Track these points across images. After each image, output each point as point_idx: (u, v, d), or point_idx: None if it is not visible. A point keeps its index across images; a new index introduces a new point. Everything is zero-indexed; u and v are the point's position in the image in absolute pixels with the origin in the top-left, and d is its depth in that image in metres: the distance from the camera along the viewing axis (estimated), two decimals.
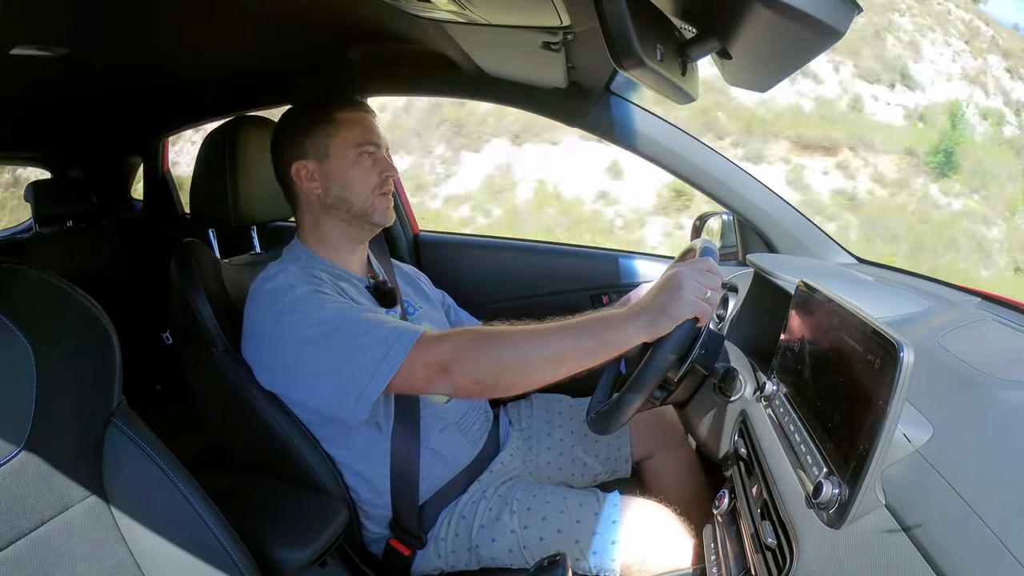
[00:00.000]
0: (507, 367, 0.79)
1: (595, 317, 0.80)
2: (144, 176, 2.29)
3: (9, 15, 0.86)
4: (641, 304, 0.79)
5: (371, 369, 0.81)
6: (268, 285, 0.91)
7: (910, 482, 0.52)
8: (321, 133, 0.98)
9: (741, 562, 0.71)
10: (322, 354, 0.84)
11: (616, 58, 0.58)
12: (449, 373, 0.80)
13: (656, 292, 0.79)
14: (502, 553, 0.94)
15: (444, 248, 1.75)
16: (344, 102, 1.01)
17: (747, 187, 1.30)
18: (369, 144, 0.99)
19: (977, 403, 0.62)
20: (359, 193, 0.99)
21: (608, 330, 0.77)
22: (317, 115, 0.99)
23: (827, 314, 0.68)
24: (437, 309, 1.18)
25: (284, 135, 1.02)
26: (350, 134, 0.98)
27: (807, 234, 1.31)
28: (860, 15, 0.53)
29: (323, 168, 0.98)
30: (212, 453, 1.10)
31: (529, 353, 0.79)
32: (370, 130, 1.01)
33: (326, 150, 0.98)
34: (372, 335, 0.82)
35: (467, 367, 0.80)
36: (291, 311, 0.86)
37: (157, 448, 0.70)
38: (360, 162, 0.99)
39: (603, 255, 1.63)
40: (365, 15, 1.06)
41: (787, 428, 0.71)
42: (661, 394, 0.87)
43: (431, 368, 0.80)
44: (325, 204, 0.99)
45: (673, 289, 0.77)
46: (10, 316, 0.65)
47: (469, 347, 0.80)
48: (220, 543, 0.71)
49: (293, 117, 1.02)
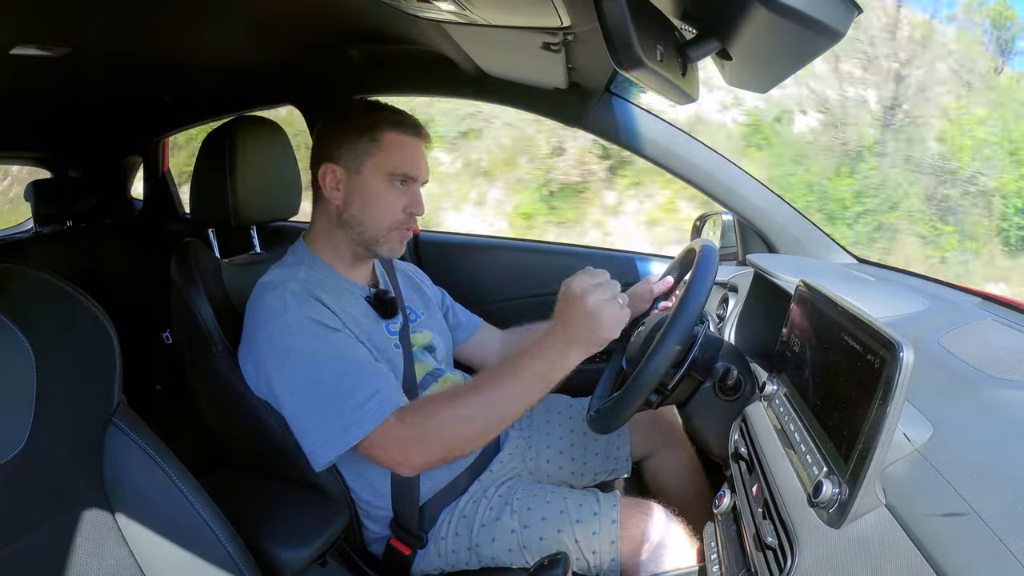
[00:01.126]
0: (465, 439, 0.84)
1: (530, 359, 0.81)
2: (144, 176, 2.29)
3: (9, 15, 0.86)
4: (566, 335, 0.79)
5: (330, 435, 0.83)
6: (267, 298, 0.89)
7: (910, 481, 0.52)
8: (361, 146, 0.93)
9: (741, 561, 0.71)
10: (292, 400, 0.85)
11: (616, 59, 0.58)
12: (410, 459, 0.83)
13: (568, 320, 0.79)
14: (502, 552, 0.94)
15: (444, 248, 1.75)
16: (398, 119, 0.94)
17: (747, 187, 1.30)
18: (407, 176, 0.95)
19: (977, 403, 0.62)
20: (377, 222, 0.95)
21: (550, 371, 0.80)
22: (362, 124, 0.93)
23: (827, 314, 0.68)
24: (436, 313, 1.17)
25: (328, 129, 0.97)
26: (389, 159, 0.93)
27: (807, 234, 1.31)
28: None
29: (351, 182, 0.94)
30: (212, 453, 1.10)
31: (483, 417, 0.82)
32: (413, 161, 0.95)
33: (360, 166, 0.93)
34: (340, 402, 0.82)
35: (424, 458, 0.83)
36: (277, 340, 0.85)
37: (157, 448, 0.70)
38: (390, 191, 0.94)
39: (604, 255, 1.63)
40: (365, 16, 1.06)
41: (787, 427, 0.71)
42: (657, 398, 0.87)
43: (390, 455, 0.83)
44: (341, 217, 0.96)
45: (583, 313, 0.78)
46: (10, 316, 0.65)
47: (424, 432, 0.82)
48: (220, 543, 0.71)
49: (338, 117, 0.97)
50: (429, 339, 1.08)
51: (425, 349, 1.06)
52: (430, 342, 1.08)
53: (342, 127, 0.95)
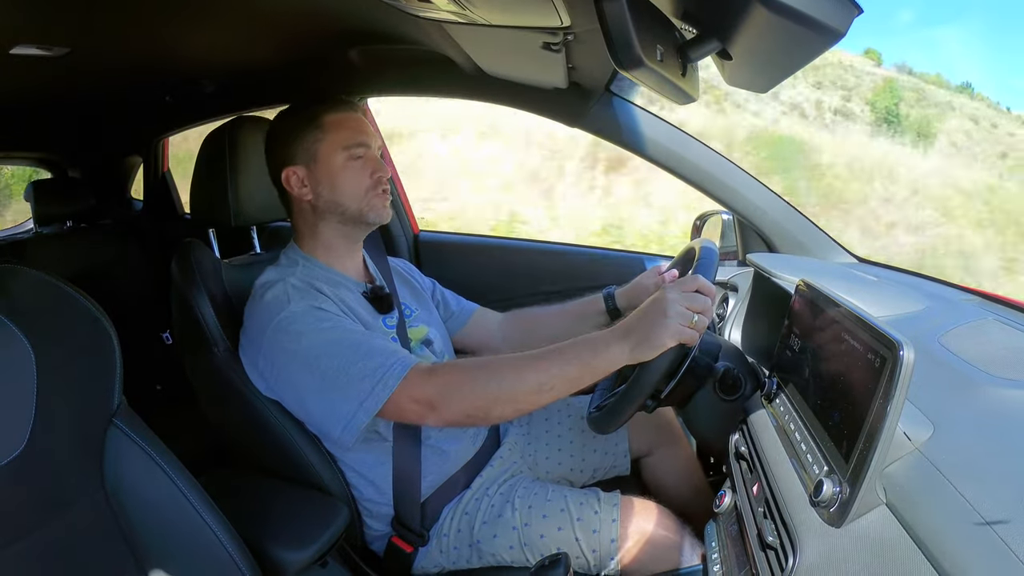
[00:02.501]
0: (494, 401, 0.81)
1: (579, 343, 0.81)
2: (144, 176, 2.29)
3: (9, 15, 0.86)
4: (626, 327, 0.79)
5: (360, 399, 0.83)
6: (269, 295, 0.90)
7: (911, 481, 0.52)
8: (309, 138, 0.96)
9: (743, 561, 0.71)
10: (313, 379, 0.85)
11: (616, 58, 0.58)
12: (437, 410, 0.82)
13: (642, 316, 0.79)
14: (503, 549, 0.95)
15: (444, 248, 1.75)
16: (331, 103, 0.99)
17: (747, 187, 1.30)
18: (358, 145, 0.97)
19: (978, 402, 0.62)
20: (351, 196, 0.97)
21: (593, 357, 0.79)
22: (303, 119, 0.97)
23: (827, 313, 0.69)
24: (430, 307, 1.18)
25: (274, 140, 1.01)
26: (338, 136, 0.97)
27: (807, 234, 1.31)
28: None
29: (312, 173, 0.97)
30: (212, 453, 1.10)
31: (516, 386, 0.80)
32: (359, 130, 0.98)
33: (314, 155, 0.97)
34: (363, 364, 0.83)
35: (455, 405, 0.82)
36: (286, 328, 0.86)
37: (158, 448, 0.70)
38: (349, 165, 0.97)
39: (604, 254, 1.63)
40: (365, 16, 1.05)
41: (787, 427, 0.71)
42: (652, 403, 0.87)
43: (420, 404, 0.82)
44: (318, 209, 0.98)
45: (658, 315, 0.77)
46: (10, 316, 0.65)
47: (456, 384, 0.82)
48: (220, 543, 0.71)
49: (281, 122, 1.01)
50: (425, 333, 1.08)
51: (422, 344, 1.06)
52: (427, 336, 1.08)
53: (284, 133, 0.99)
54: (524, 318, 1.24)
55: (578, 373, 0.80)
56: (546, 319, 1.21)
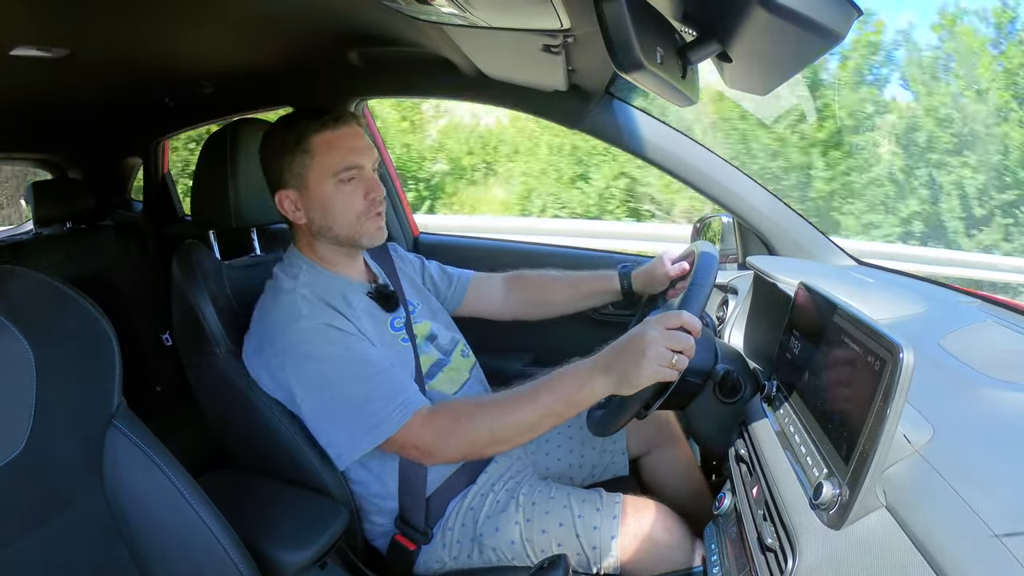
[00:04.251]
0: (487, 444, 0.87)
1: (564, 377, 0.83)
2: (144, 178, 2.29)
3: (9, 16, 0.86)
4: (606, 363, 0.80)
5: (357, 437, 0.87)
6: (279, 303, 0.91)
7: (911, 483, 0.52)
8: (297, 162, 0.93)
9: (742, 563, 0.71)
10: (318, 403, 0.89)
11: (616, 61, 0.58)
12: (433, 455, 0.88)
13: (620, 353, 0.80)
14: (504, 544, 0.95)
15: (444, 250, 1.75)
16: (319, 122, 0.93)
17: (747, 189, 1.30)
18: (349, 169, 0.94)
19: (977, 404, 0.62)
20: (343, 222, 0.95)
21: (576, 393, 0.82)
22: (291, 141, 0.93)
23: (827, 316, 0.69)
24: (428, 296, 1.18)
25: (265, 161, 0.99)
26: (326, 161, 0.93)
27: (807, 236, 1.31)
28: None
29: (304, 198, 0.95)
30: (212, 453, 1.10)
31: (507, 427, 0.85)
32: (350, 150, 0.94)
33: (304, 181, 0.94)
34: (365, 407, 0.86)
35: (451, 450, 0.88)
36: (298, 344, 0.87)
37: (157, 449, 0.70)
38: (340, 189, 0.94)
39: (605, 257, 1.63)
40: (365, 18, 1.06)
41: (787, 429, 0.71)
42: (645, 412, 0.88)
43: (418, 449, 0.87)
44: (312, 231, 0.98)
45: (636, 355, 0.77)
46: (10, 317, 0.65)
47: (452, 432, 0.87)
48: (220, 544, 0.71)
49: (269, 142, 0.98)
50: (429, 329, 1.09)
51: (427, 340, 1.07)
52: (430, 331, 1.09)
53: (274, 152, 0.96)
54: (530, 284, 1.25)
55: (564, 409, 0.83)
56: (554, 290, 1.23)
